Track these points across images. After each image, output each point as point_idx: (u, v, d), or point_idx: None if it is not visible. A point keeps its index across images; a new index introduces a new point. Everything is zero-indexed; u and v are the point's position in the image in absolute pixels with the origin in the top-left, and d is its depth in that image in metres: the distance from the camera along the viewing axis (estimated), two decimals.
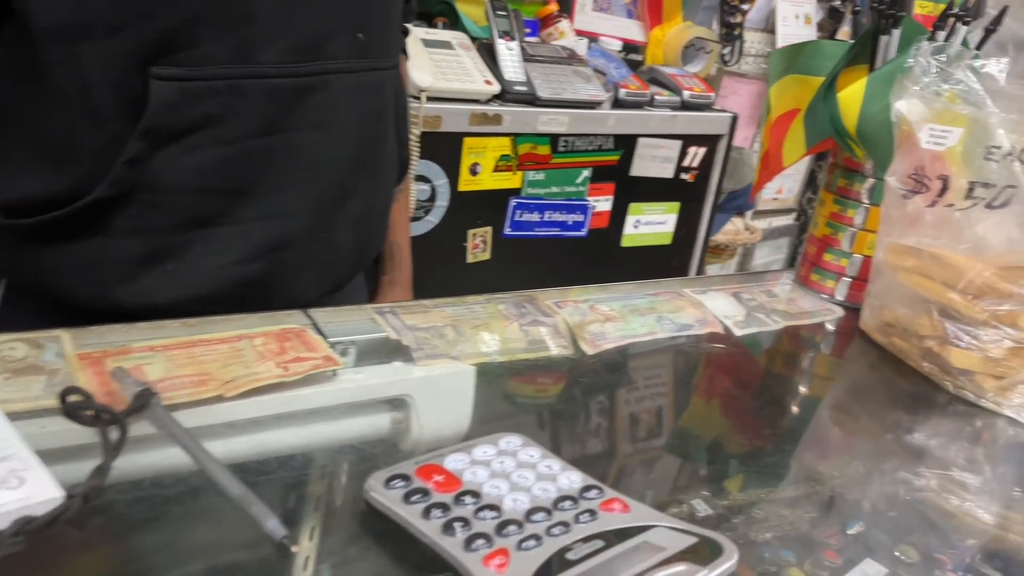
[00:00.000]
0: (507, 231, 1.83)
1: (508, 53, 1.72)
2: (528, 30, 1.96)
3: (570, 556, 0.46)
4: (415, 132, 1.59)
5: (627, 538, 0.48)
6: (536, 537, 0.47)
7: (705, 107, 2.05)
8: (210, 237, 0.80)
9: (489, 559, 0.45)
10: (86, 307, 0.76)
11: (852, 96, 0.87)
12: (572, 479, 0.53)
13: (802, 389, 0.89)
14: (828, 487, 0.68)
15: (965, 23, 0.88)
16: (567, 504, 0.51)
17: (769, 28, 2.69)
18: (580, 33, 2.06)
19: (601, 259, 2.03)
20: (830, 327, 0.96)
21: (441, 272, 1.74)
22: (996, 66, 0.80)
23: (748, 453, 0.73)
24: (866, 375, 0.90)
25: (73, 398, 0.54)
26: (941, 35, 0.89)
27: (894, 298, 0.86)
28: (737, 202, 2.46)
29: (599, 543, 0.47)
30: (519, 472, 0.53)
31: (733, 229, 2.47)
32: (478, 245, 1.80)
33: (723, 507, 0.61)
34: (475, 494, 0.50)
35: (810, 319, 0.96)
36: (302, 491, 0.54)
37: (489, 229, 1.81)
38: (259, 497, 0.48)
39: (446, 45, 1.70)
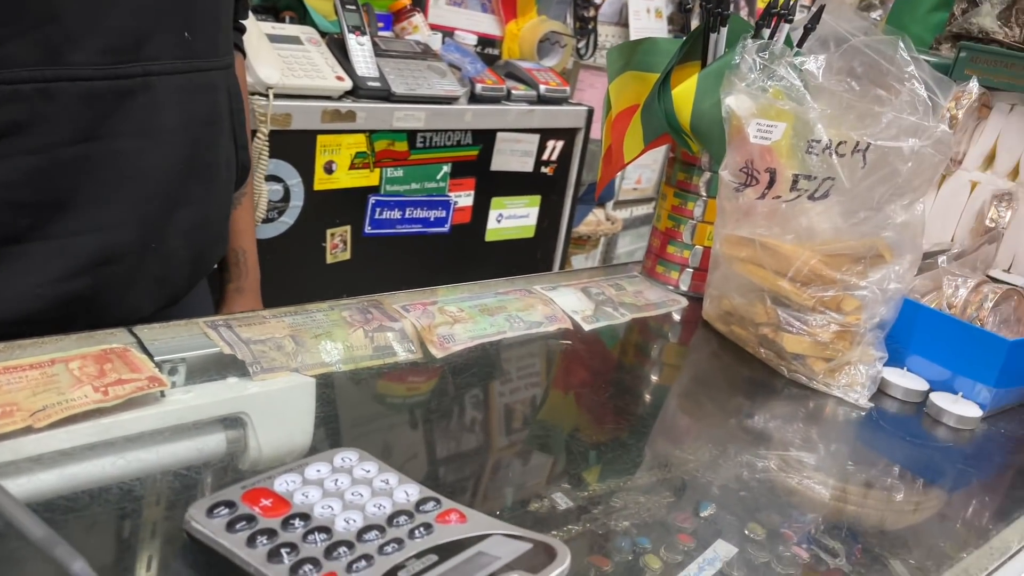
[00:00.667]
0: (367, 230, 1.79)
1: (359, 48, 1.68)
2: (381, 24, 1.93)
3: (402, 574, 0.45)
4: (263, 131, 1.53)
5: (462, 550, 0.47)
6: (367, 557, 0.46)
7: (561, 101, 2.08)
8: (25, 254, 0.74)
9: None
10: None
11: (685, 92, 0.89)
12: (409, 493, 0.52)
13: (651, 379, 0.91)
14: (680, 472, 0.70)
15: (788, 21, 0.92)
16: (402, 520, 0.49)
17: (622, 22, 2.75)
18: (435, 27, 2.04)
19: (465, 255, 2.03)
20: (676, 317, 0.99)
21: (299, 274, 1.69)
22: (815, 63, 0.84)
23: (604, 444, 0.74)
24: (709, 363, 0.93)
25: None
26: (766, 32, 0.92)
27: (731, 288, 0.90)
28: (601, 193, 2.51)
29: (433, 558, 0.46)
30: (354, 489, 0.52)
31: (595, 220, 2.53)
32: (337, 245, 1.76)
33: (583, 499, 0.62)
34: (305, 517, 0.49)
35: (656, 310, 0.98)
36: (117, 527, 0.50)
37: (348, 228, 1.77)
38: (65, 537, 0.45)
39: (294, 40, 1.64)
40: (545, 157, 2.10)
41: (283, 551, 0.45)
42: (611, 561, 0.56)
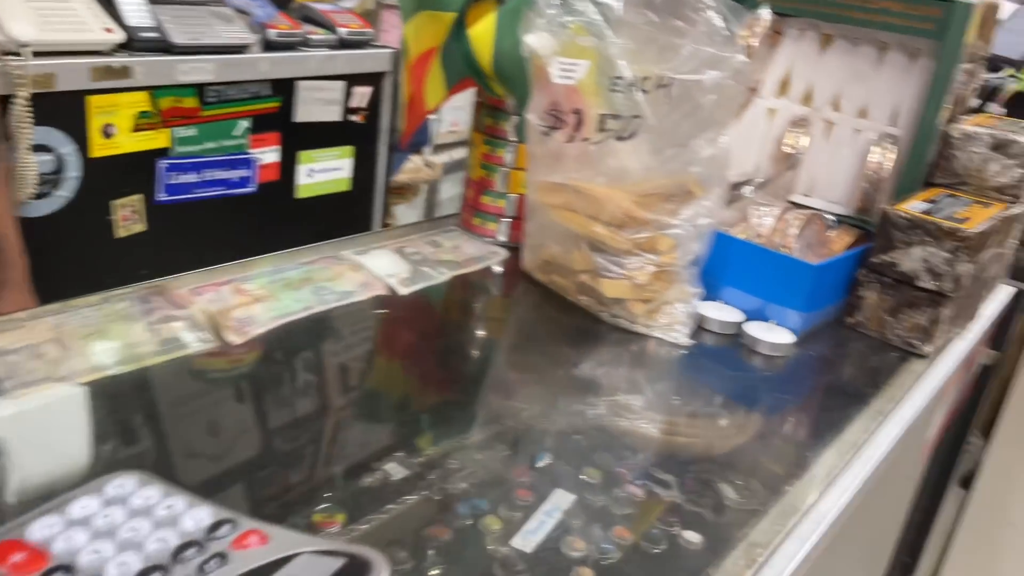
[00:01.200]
0: (160, 197, 1.63)
1: None
2: None
3: None
4: (23, 95, 1.34)
5: None
6: None
7: (364, 44, 1.97)
8: None
9: None
10: None
11: (483, 32, 0.84)
12: (199, 518, 0.45)
13: (477, 336, 0.87)
14: (513, 426, 0.68)
15: None
16: (191, 552, 0.43)
17: None
18: None
19: (275, 215, 1.90)
20: (497, 270, 0.95)
21: (85, 252, 1.52)
22: None
23: (434, 407, 0.71)
24: (533, 315, 0.90)
25: None
26: None
27: (548, 236, 0.87)
28: (414, 139, 2.43)
29: None
30: (130, 524, 0.44)
31: (413, 167, 2.44)
32: (128, 216, 1.59)
33: (418, 465, 0.60)
34: (67, 569, 0.41)
35: (476, 265, 0.94)
36: None
37: (139, 197, 1.60)
38: None
39: None
40: (353, 105, 1.99)
41: None
42: (450, 529, 0.54)
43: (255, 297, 0.76)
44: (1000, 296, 1.06)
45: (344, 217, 2.13)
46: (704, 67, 0.74)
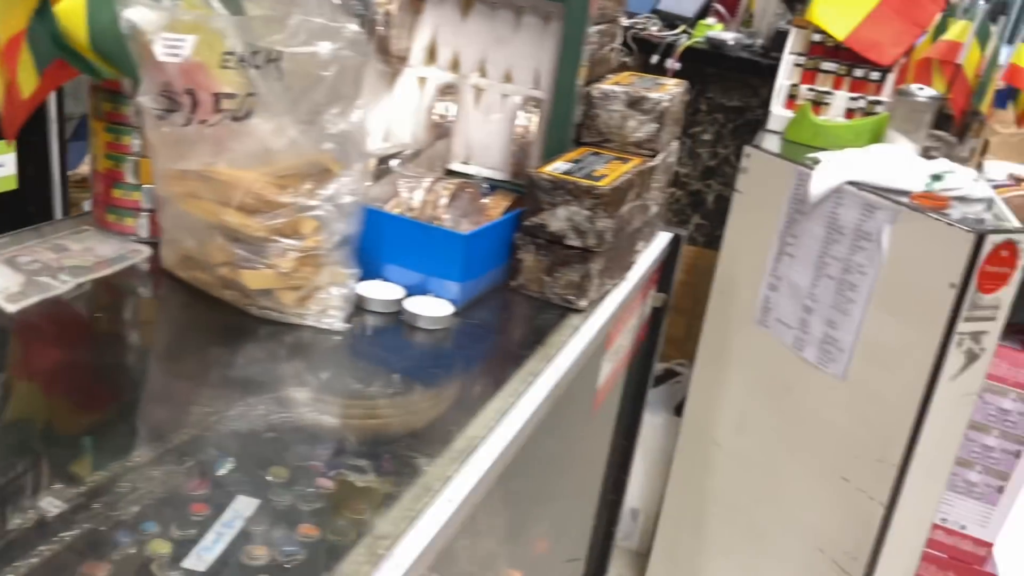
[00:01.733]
0: None
1: None
2: None
3: None
4: None
5: None
6: None
7: None
8: None
9: None
10: None
11: (72, 8, 0.74)
12: None
13: (124, 345, 0.79)
14: (183, 438, 0.62)
15: None
16: None
17: None
18: None
19: None
20: (143, 269, 0.87)
21: None
22: None
23: (90, 428, 0.65)
24: (180, 316, 0.83)
25: None
26: None
27: (183, 229, 0.79)
28: None
29: None
30: None
31: None
32: None
33: (80, 495, 0.54)
34: None
35: (113, 267, 0.85)
36: None
37: None
38: None
39: None
40: None
41: None
42: (110, 563, 0.49)
43: None
44: (659, 243, 1.13)
45: (17, 219, 1.89)
46: (315, 39, 0.70)
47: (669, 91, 0.99)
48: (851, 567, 1.54)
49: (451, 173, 0.95)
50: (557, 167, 0.88)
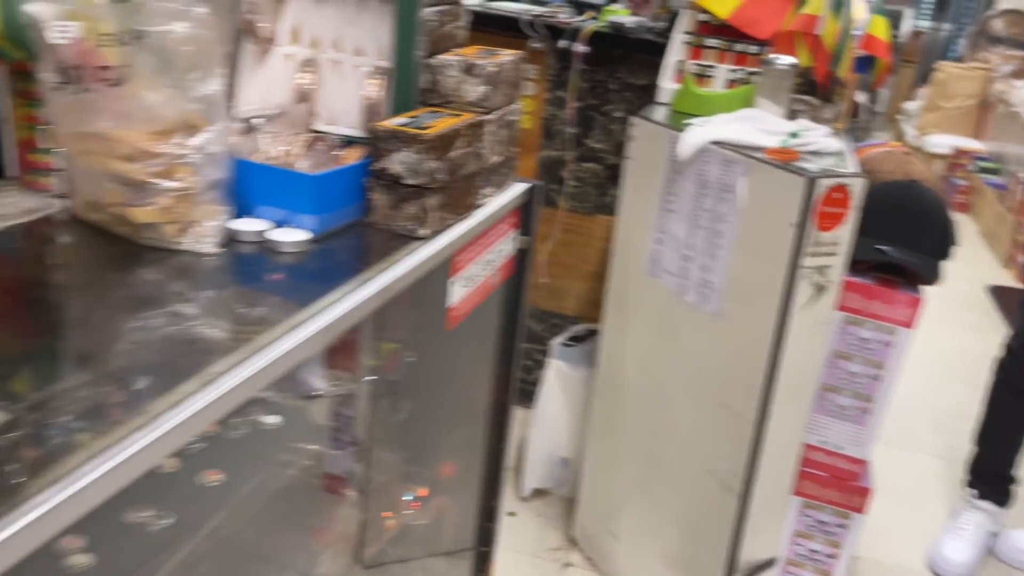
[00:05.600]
0: None
1: None
2: None
3: None
4: None
5: None
6: None
7: None
8: None
9: None
10: None
11: None
12: None
13: (44, 275, 0.98)
14: (103, 359, 0.78)
15: None
16: None
17: None
18: None
19: None
20: (60, 218, 1.06)
21: None
22: None
23: (24, 356, 0.79)
24: (88, 252, 1.02)
25: None
26: None
27: (85, 180, 0.99)
28: None
29: None
30: None
31: None
32: None
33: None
34: None
35: (34, 215, 1.04)
36: None
37: None
38: None
39: None
40: None
41: None
42: (42, 451, 0.62)
43: None
44: (513, 191, 1.33)
45: None
46: (171, 20, 0.90)
47: (501, 59, 1.19)
48: (735, 485, 1.74)
49: (313, 132, 1.15)
50: (395, 121, 1.08)
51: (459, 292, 1.20)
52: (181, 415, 0.68)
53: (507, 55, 1.22)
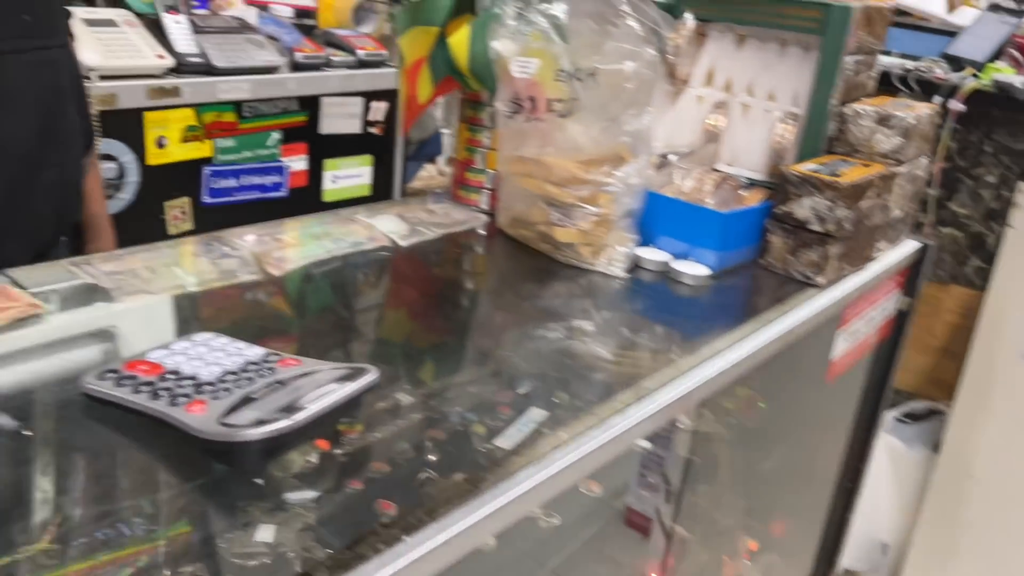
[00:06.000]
0: (206, 199, 1.90)
1: (176, 26, 1.77)
2: (196, 2, 2.01)
3: (254, 396, 0.62)
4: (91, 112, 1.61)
5: (296, 379, 0.65)
6: (227, 389, 0.63)
7: (380, 64, 2.23)
8: None
9: (190, 407, 0.60)
10: None
11: (461, 41, 1.08)
12: (256, 352, 0.69)
13: (465, 284, 1.10)
14: (499, 359, 0.87)
15: None
16: (252, 368, 0.66)
17: None
18: (250, 2, 2.13)
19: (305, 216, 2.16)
20: (480, 231, 1.19)
21: None
22: (559, 7, 1.05)
23: (435, 346, 0.90)
24: (506, 262, 1.13)
25: None
26: None
27: (515, 198, 1.10)
28: (427, 150, 2.68)
29: (277, 386, 0.64)
30: (212, 354, 0.68)
31: (427, 175, 2.69)
32: (178, 216, 1.85)
33: (421, 395, 0.75)
34: (176, 373, 0.65)
35: (462, 226, 1.18)
36: (26, 398, 0.65)
37: (187, 200, 1.87)
38: None
39: (110, 23, 1.71)
40: (371, 118, 2.25)
41: (161, 392, 0.62)
42: (444, 432, 0.71)
43: (287, 243, 1.00)
44: (905, 248, 1.27)
45: None
46: (624, 59, 0.98)
47: (918, 112, 1.15)
48: None
49: (716, 171, 1.18)
50: (806, 167, 1.08)
51: (842, 344, 1.17)
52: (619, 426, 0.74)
53: (924, 107, 1.17)
